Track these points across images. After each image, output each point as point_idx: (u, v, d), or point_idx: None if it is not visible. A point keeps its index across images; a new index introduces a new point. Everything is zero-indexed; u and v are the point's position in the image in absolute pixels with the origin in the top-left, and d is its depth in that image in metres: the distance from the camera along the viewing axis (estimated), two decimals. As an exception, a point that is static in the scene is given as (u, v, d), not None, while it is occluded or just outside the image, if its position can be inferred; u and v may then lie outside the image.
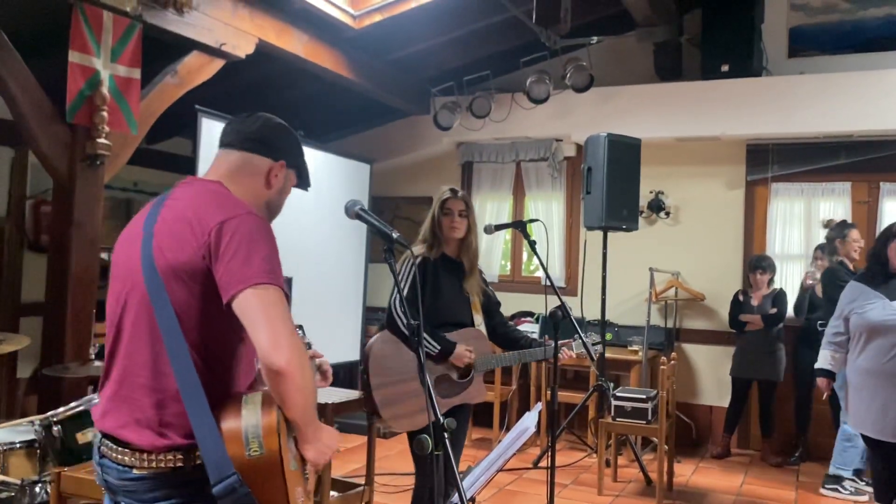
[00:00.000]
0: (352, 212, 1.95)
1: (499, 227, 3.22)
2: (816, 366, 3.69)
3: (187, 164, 6.66)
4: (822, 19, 5.82)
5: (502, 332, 3.27)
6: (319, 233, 5.77)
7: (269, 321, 1.44)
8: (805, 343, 5.30)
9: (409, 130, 6.82)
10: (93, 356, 3.33)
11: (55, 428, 2.72)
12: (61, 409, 2.77)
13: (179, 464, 1.50)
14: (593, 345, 3.09)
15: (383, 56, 5.76)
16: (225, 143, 1.73)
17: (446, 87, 6.19)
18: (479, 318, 3.10)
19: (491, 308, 3.23)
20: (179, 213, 1.57)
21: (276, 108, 6.75)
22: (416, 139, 6.81)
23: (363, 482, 3.56)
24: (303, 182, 1.81)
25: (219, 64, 4.39)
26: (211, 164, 1.74)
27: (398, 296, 2.85)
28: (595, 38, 5.51)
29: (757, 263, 5.52)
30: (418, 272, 2.86)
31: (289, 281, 4.93)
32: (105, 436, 1.58)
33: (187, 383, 1.47)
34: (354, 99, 6.13)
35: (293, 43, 4.84)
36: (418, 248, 3.05)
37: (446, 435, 1.74)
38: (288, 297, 1.53)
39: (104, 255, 3.99)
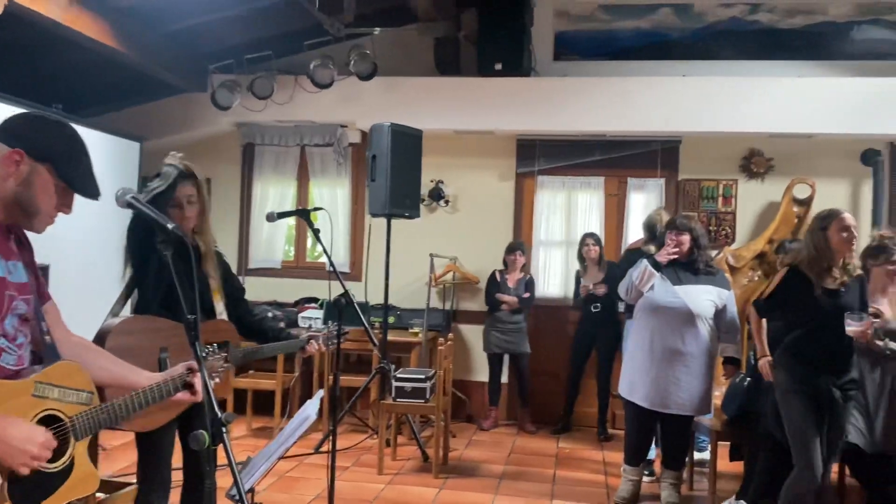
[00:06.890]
0: (122, 201, 1.83)
1: (282, 216, 3.16)
2: None
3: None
4: (582, 27, 6.38)
5: (248, 323, 2.92)
6: (82, 216, 5.27)
7: None
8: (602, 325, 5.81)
9: (184, 108, 6.46)
10: None
11: None
12: None
13: None
14: (339, 335, 3.03)
15: (158, 28, 5.39)
16: None
17: (226, 65, 5.94)
18: (219, 307, 2.77)
19: (235, 295, 2.89)
20: None
21: (30, 78, 5.98)
22: (193, 118, 6.47)
23: (134, 481, 3.37)
24: (72, 185, 1.65)
25: (-44, 23, 3.87)
26: None
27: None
28: (377, 30, 5.60)
29: (516, 246, 6.00)
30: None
31: (45, 269, 4.48)
32: None
33: None
34: (124, 72, 5.67)
35: (49, 6, 4.37)
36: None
37: (224, 430, 1.72)
38: None
39: None
